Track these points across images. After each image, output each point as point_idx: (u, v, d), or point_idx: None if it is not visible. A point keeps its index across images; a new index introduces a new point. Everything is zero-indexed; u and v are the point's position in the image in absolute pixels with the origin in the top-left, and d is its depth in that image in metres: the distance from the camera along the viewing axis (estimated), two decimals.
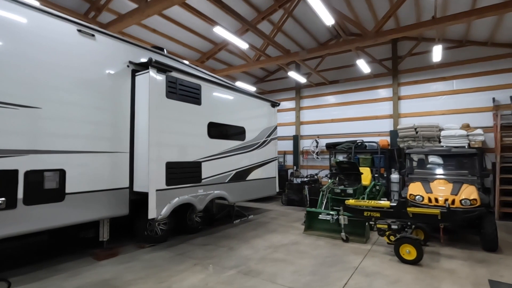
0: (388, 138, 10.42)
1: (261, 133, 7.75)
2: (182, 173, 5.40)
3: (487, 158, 8.95)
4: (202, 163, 5.80)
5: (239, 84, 9.68)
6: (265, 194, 7.88)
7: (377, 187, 7.91)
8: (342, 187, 6.99)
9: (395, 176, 9.73)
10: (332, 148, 11.16)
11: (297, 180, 10.48)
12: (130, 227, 5.66)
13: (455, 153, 6.43)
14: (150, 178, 4.76)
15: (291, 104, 12.99)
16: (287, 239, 5.94)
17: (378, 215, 5.39)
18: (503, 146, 8.49)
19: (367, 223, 5.61)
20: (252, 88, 12.18)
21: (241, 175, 6.93)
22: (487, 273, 4.24)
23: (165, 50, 5.87)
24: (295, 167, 12.45)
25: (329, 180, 7.59)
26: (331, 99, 11.97)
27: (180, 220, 6.02)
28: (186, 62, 6.25)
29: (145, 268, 4.37)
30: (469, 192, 5.54)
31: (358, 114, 11.27)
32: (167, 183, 5.07)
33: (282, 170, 11.89)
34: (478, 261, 4.73)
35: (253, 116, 7.55)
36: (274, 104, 8.47)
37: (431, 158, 6.96)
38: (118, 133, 4.81)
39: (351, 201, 5.72)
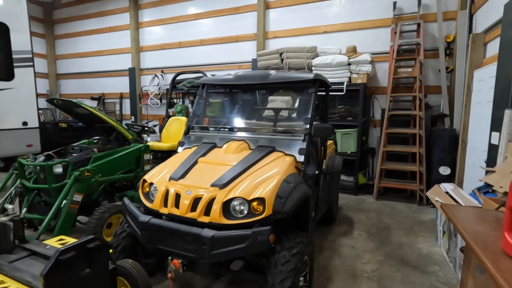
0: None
1: None
2: None
3: (377, 103, 5.86)
4: None
5: None
6: None
7: None
8: (43, 158, 3.09)
9: None
10: (174, 88, 7.18)
11: None
12: None
13: (272, 81, 2.79)
14: None
15: (124, 18, 8.27)
16: None
17: None
18: (396, 83, 5.38)
19: None
20: None
21: None
22: None
23: None
24: (132, 117, 8.33)
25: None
26: (181, 8, 7.58)
27: None
28: None
29: None
30: (260, 181, 2.08)
31: (215, 34, 7.22)
32: None
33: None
34: None
35: None
36: None
37: (245, 96, 3.36)
38: None
39: None
